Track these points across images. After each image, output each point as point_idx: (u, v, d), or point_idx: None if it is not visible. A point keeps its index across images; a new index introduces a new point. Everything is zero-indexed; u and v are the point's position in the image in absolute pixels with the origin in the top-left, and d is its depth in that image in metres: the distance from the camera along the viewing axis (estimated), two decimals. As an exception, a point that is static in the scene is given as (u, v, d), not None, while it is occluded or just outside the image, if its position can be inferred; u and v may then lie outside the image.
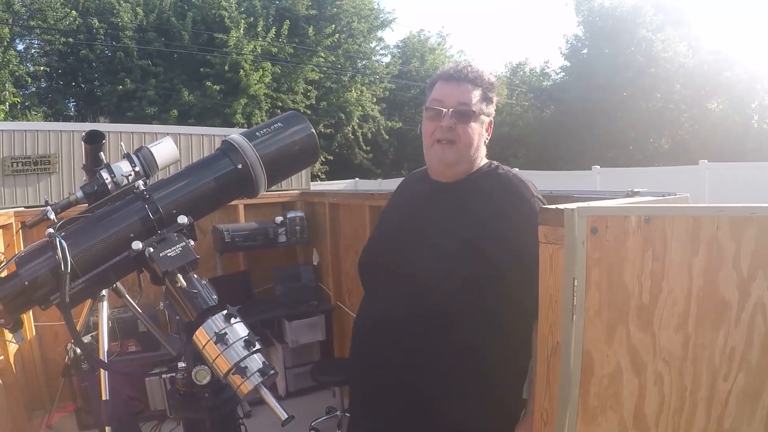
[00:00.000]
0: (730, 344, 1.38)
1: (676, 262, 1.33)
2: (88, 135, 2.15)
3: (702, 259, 1.34)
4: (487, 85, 2.12)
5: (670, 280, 1.33)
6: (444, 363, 2.00)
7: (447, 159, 2.09)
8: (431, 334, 1.98)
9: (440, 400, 2.00)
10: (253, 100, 24.69)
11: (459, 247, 1.97)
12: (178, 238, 1.89)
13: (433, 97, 2.12)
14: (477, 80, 2.10)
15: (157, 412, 4.80)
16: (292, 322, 5.45)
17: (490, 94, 2.13)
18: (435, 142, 2.10)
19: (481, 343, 1.97)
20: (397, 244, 2.14)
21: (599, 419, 1.38)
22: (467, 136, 2.07)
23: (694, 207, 1.43)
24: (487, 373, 2.00)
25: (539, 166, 23.89)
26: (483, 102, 2.10)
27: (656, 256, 1.32)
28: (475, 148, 2.10)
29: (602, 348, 1.34)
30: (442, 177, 2.16)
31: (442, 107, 2.07)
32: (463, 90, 2.08)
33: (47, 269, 1.84)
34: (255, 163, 2.04)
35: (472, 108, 2.06)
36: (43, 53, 24.67)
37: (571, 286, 1.32)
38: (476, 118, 2.08)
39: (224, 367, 1.73)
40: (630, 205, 1.53)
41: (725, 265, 1.35)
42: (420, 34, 34.10)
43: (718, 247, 1.34)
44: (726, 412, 1.41)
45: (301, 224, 5.91)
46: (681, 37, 25.98)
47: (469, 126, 2.06)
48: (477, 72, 2.12)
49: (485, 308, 1.95)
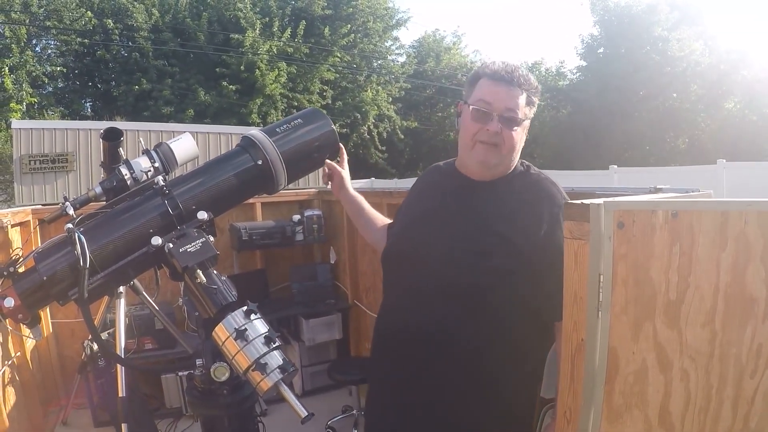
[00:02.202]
0: (758, 341, 1.36)
1: (704, 258, 1.31)
2: (106, 132, 2.16)
3: (730, 255, 1.32)
4: (533, 90, 2.09)
5: (698, 275, 1.32)
6: (475, 362, 1.98)
7: (489, 162, 2.06)
8: (463, 332, 1.96)
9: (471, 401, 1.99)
10: (268, 100, 24.72)
11: (491, 240, 1.96)
12: (198, 234, 1.88)
13: (480, 97, 2.06)
14: (525, 84, 2.06)
15: (173, 409, 4.81)
16: (309, 321, 5.45)
17: (534, 98, 2.10)
18: (478, 142, 2.06)
19: (511, 339, 1.96)
20: (426, 237, 2.11)
21: (624, 417, 1.36)
22: (511, 141, 2.04)
23: (722, 201, 1.42)
24: (516, 373, 2.00)
25: (555, 166, 23.78)
26: (528, 107, 2.07)
27: (683, 251, 1.31)
28: (516, 152, 2.09)
29: (628, 345, 1.33)
30: (478, 177, 2.13)
31: (491, 110, 2.02)
32: (512, 95, 2.03)
33: (66, 264, 1.84)
34: (275, 159, 2.04)
35: (519, 115, 2.03)
36: (59, 54, 24.78)
37: (597, 282, 1.30)
38: (521, 124, 2.05)
39: (244, 363, 1.72)
40: (657, 199, 1.51)
41: (753, 261, 1.33)
42: (435, 33, 34.12)
43: (746, 242, 1.32)
44: (752, 410, 1.39)
45: (319, 223, 5.90)
46: (697, 35, 25.83)
47: (515, 131, 2.03)
48: (525, 75, 2.08)
49: (516, 301, 1.93)
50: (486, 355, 1.96)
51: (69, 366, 4.93)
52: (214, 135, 7.39)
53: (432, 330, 1.99)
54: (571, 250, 1.37)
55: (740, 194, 11.81)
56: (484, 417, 1.98)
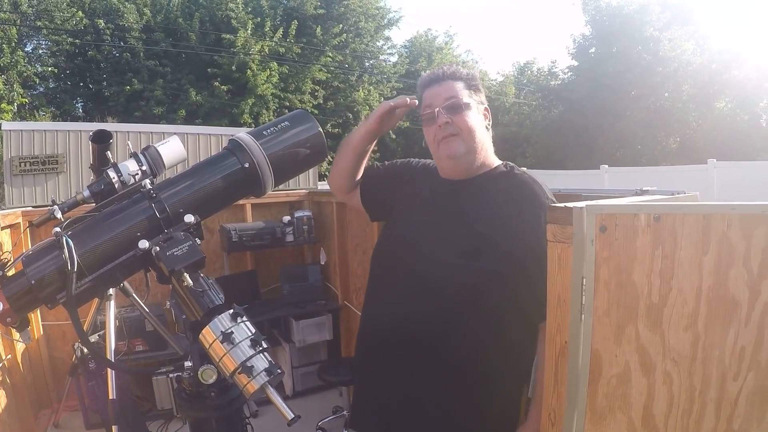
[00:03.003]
0: (740, 344, 1.37)
1: (686, 261, 1.32)
2: (95, 134, 2.16)
3: (712, 258, 1.33)
4: (469, 77, 2.15)
5: (680, 278, 1.33)
6: (460, 362, 1.99)
7: (455, 151, 2.08)
8: (448, 334, 1.97)
9: (455, 401, 2.00)
10: (260, 100, 24.71)
11: (475, 241, 1.97)
12: (185, 237, 1.88)
13: (424, 105, 2.15)
14: (455, 75, 2.14)
15: (164, 411, 4.80)
16: (300, 322, 5.45)
17: (473, 83, 2.15)
18: (439, 142, 2.10)
19: (497, 341, 1.97)
20: (417, 240, 2.11)
21: (607, 419, 1.37)
22: (465, 123, 2.08)
23: (705, 205, 1.43)
24: (501, 374, 2.01)
25: (547, 166, 23.87)
26: (469, 91, 2.12)
27: (666, 254, 1.31)
28: (479, 135, 2.11)
29: (611, 348, 1.33)
30: (455, 174, 2.15)
31: (433, 108, 2.10)
32: (445, 87, 2.12)
33: (54, 268, 1.84)
34: (262, 162, 2.03)
35: (461, 98, 2.09)
36: (50, 54, 24.72)
37: (580, 285, 1.31)
38: (468, 107, 2.09)
39: (231, 366, 1.72)
40: (639, 203, 1.52)
41: (736, 264, 1.34)
42: (427, 33, 34.12)
43: (728, 245, 1.33)
44: (736, 412, 1.40)
45: (309, 223, 5.91)
46: (688, 35, 25.91)
47: (464, 114, 2.08)
48: (452, 68, 2.17)
49: (500, 302, 1.94)
50: (472, 355, 1.98)
51: (60, 368, 4.92)
52: (204, 136, 7.36)
53: (418, 329, 2.00)
54: (554, 253, 1.37)
55: (731, 194, 11.90)
56: (469, 417, 2.00)
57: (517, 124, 30.67)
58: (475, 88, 2.14)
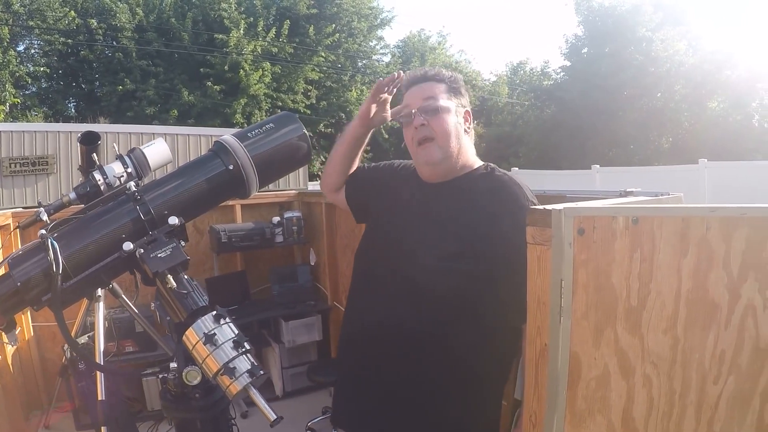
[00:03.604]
0: (720, 347, 1.37)
1: (665, 264, 1.32)
2: (83, 136, 2.16)
3: (691, 261, 1.33)
4: (451, 80, 2.14)
5: (659, 281, 1.32)
6: (441, 363, 1.99)
7: (431, 158, 2.07)
8: (430, 335, 1.98)
9: (435, 401, 2.00)
10: (253, 100, 24.71)
11: (459, 245, 1.96)
12: (169, 239, 1.89)
13: (402, 105, 2.15)
14: (437, 77, 2.13)
15: (155, 412, 4.79)
16: (289, 323, 5.45)
17: (455, 86, 2.14)
18: (417, 145, 2.09)
19: (478, 342, 1.97)
20: (398, 242, 2.11)
21: (587, 422, 1.36)
22: (441, 126, 2.06)
23: (684, 207, 1.43)
24: (480, 374, 2.01)
25: (540, 166, 23.91)
26: (449, 93, 2.11)
27: (644, 257, 1.31)
28: (455, 139, 2.09)
29: (589, 351, 1.33)
30: (433, 178, 2.14)
31: (411, 108, 2.09)
32: (426, 88, 2.10)
33: (39, 270, 1.84)
34: (246, 164, 2.04)
35: (439, 100, 2.07)
36: (42, 54, 24.68)
37: (559, 288, 1.30)
38: (446, 109, 2.07)
39: (213, 367, 1.73)
40: (618, 205, 1.52)
41: (715, 267, 1.34)
42: (420, 33, 34.17)
43: (707, 248, 1.33)
44: (716, 416, 1.40)
45: (298, 224, 5.90)
46: (680, 35, 25.97)
47: (440, 117, 2.06)
48: (435, 70, 2.15)
49: (483, 308, 1.94)
50: (453, 355, 1.98)
51: (51, 369, 4.91)
52: (194, 137, 7.37)
53: (399, 329, 2.01)
54: (533, 255, 1.37)
55: (722, 194, 11.95)
56: (450, 415, 2.00)
57: (509, 124, 30.70)
58: (456, 91, 2.13)
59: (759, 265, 1.36)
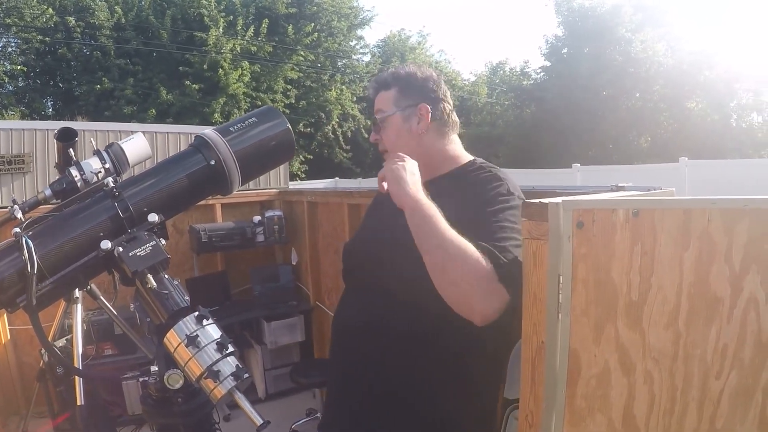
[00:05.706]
0: (723, 341, 1.34)
1: (666, 257, 1.28)
2: (60, 132, 2.10)
3: (693, 254, 1.29)
4: (404, 78, 2.09)
5: (660, 275, 1.29)
6: (427, 364, 1.95)
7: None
8: (414, 337, 1.93)
9: (421, 404, 1.96)
10: (232, 99, 24.62)
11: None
12: (149, 237, 1.82)
13: None
14: (385, 84, 2.09)
15: (135, 416, 4.72)
16: (271, 323, 5.40)
17: (412, 82, 2.08)
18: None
19: (468, 341, 1.92)
20: (376, 247, 2.09)
21: (587, 421, 1.33)
22: (389, 140, 2.07)
23: (685, 200, 1.39)
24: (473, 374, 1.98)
25: (520, 165, 23.96)
26: (399, 96, 2.06)
27: (645, 251, 1.27)
28: (410, 143, 2.04)
29: (589, 347, 1.29)
30: None
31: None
32: (377, 100, 2.10)
33: (14, 270, 1.77)
34: (228, 159, 1.98)
35: (384, 111, 2.06)
36: (20, 52, 24.40)
37: (557, 284, 1.26)
38: (389, 121, 2.06)
39: (196, 370, 1.66)
40: (618, 198, 1.48)
41: (717, 260, 1.31)
42: (400, 33, 34.22)
43: (709, 241, 1.30)
44: (718, 411, 1.37)
45: (280, 223, 5.86)
46: (660, 36, 26.21)
47: (386, 131, 2.07)
48: (390, 73, 2.12)
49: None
50: (442, 356, 1.94)
51: (28, 373, 4.83)
52: (173, 135, 7.28)
53: (386, 340, 1.97)
54: (529, 250, 1.33)
55: (702, 192, 11.98)
56: (441, 418, 1.96)
57: (489, 123, 30.80)
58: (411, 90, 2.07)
59: (761, 257, 1.32)
